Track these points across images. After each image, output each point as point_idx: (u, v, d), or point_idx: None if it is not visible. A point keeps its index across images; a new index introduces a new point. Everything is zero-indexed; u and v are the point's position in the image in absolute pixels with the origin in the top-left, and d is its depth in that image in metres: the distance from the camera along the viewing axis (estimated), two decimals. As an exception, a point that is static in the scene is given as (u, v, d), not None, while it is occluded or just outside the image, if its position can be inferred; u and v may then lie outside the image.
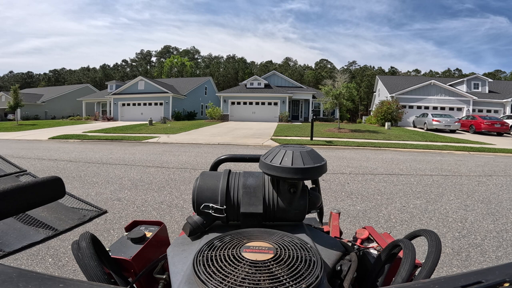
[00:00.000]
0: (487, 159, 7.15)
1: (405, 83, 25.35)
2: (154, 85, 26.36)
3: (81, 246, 0.55)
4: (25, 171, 3.71)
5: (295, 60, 73.08)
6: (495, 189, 4.20)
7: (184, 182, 4.33)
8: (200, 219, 0.66)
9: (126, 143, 9.67)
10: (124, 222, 2.73)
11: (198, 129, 15.23)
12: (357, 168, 5.64)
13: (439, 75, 60.60)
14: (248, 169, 5.00)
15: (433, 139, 11.39)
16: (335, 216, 1.18)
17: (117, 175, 4.66)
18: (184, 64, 59.80)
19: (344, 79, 14.82)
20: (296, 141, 10.62)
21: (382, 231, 2.52)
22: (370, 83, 49.10)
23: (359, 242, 0.83)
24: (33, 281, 0.28)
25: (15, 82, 53.61)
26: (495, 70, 62.62)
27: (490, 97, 22.92)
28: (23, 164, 4.31)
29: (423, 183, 4.49)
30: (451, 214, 3.12)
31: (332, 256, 0.61)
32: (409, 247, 0.54)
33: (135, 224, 0.84)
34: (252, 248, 0.49)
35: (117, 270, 0.64)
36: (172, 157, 6.60)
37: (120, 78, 60.97)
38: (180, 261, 0.55)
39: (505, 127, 15.36)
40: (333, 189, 4.04)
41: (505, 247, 2.36)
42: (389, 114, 19.24)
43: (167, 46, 74.47)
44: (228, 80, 57.26)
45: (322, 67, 66.68)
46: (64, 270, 1.91)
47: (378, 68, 65.36)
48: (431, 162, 6.47)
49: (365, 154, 7.66)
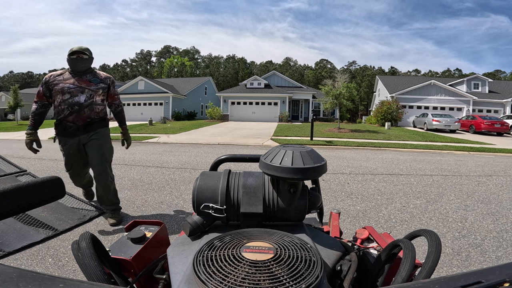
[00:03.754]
0: (487, 159, 7.15)
1: (405, 83, 25.34)
2: (154, 85, 26.36)
3: (81, 246, 0.55)
4: (25, 171, 3.68)
5: (295, 60, 73.17)
6: (495, 189, 4.20)
7: (184, 182, 4.33)
8: (200, 219, 0.66)
9: (126, 143, 9.67)
10: (124, 222, 2.74)
11: (198, 129, 15.22)
12: (357, 168, 5.64)
13: (439, 75, 60.62)
14: (248, 169, 5.00)
15: (433, 139, 11.39)
16: (335, 216, 1.18)
17: (117, 175, 4.65)
18: (184, 64, 59.80)
19: (344, 79, 14.81)
20: (296, 141, 10.62)
21: (382, 231, 2.52)
22: (370, 83, 49.11)
23: (359, 242, 0.83)
24: (33, 281, 0.28)
25: (15, 82, 53.58)
26: (495, 70, 62.67)
27: (490, 97, 22.91)
28: (23, 164, 4.31)
29: (423, 183, 4.49)
30: (451, 214, 3.12)
31: (332, 256, 0.61)
32: (409, 247, 0.54)
33: (135, 224, 0.84)
34: (252, 248, 0.49)
35: (117, 270, 0.64)
36: (172, 157, 6.60)
37: (120, 78, 61.01)
38: (180, 261, 0.55)
39: (505, 127, 15.35)
40: (333, 189, 4.04)
41: (505, 247, 2.36)
42: (389, 114, 19.24)
43: (167, 46, 74.48)
44: (228, 80, 57.25)
45: (322, 67, 66.70)
46: (64, 270, 1.91)
47: (378, 68, 65.42)
48: (431, 162, 6.47)
49: (365, 154, 7.66)
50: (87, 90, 2.49)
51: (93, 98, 2.52)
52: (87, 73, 2.55)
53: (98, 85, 2.57)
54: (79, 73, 2.51)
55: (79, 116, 2.48)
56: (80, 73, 2.52)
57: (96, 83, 2.55)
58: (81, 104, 2.46)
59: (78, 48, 2.47)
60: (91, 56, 2.56)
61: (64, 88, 2.43)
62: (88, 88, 2.50)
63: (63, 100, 2.44)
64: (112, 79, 2.73)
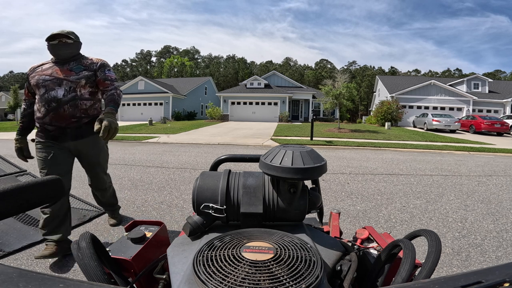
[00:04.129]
0: (487, 159, 7.15)
1: (405, 83, 25.34)
2: (154, 85, 26.36)
3: (81, 246, 0.55)
4: (25, 171, 3.67)
5: (295, 60, 73.16)
6: (495, 189, 4.20)
7: (184, 182, 4.33)
8: (200, 219, 0.66)
9: (126, 143, 9.67)
10: (124, 222, 2.73)
11: (198, 129, 15.22)
12: (357, 168, 5.64)
13: (439, 75, 60.62)
14: (248, 169, 5.00)
15: (433, 139, 11.39)
16: (335, 216, 1.18)
17: (117, 175, 4.66)
18: (184, 64, 59.80)
19: (344, 79, 14.82)
20: (296, 141, 10.62)
21: (382, 231, 2.52)
22: (370, 83, 49.10)
23: (359, 242, 0.83)
24: (33, 281, 0.28)
25: (15, 82, 53.61)
26: (495, 70, 62.66)
27: (490, 97, 22.91)
28: (23, 164, 4.31)
29: (423, 183, 4.49)
30: (451, 214, 3.12)
31: (332, 256, 0.61)
32: (409, 247, 0.54)
33: (135, 224, 0.85)
34: (252, 248, 0.49)
35: (117, 270, 0.64)
36: (172, 157, 6.60)
37: (120, 78, 60.97)
38: (180, 261, 0.55)
39: (505, 127, 15.35)
40: (333, 189, 4.04)
41: (505, 247, 2.36)
42: (389, 114, 19.24)
43: (167, 46, 74.48)
44: (228, 80, 57.25)
45: (322, 67, 66.70)
46: (64, 270, 1.91)
47: (378, 68, 65.42)
48: (431, 162, 6.47)
49: (365, 154, 7.66)
50: (66, 82, 1.93)
51: (75, 91, 1.95)
52: (71, 61, 2.02)
53: (80, 73, 1.98)
54: (62, 61, 2.01)
55: (58, 116, 1.93)
56: (63, 62, 2.01)
57: (77, 72, 1.99)
58: (59, 100, 1.91)
59: (60, 31, 1.96)
60: (77, 40, 2.05)
61: (39, 81, 1.94)
62: (66, 79, 1.94)
63: (40, 96, 1.95)
64: (101, 63, 2.09)
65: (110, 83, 2.05)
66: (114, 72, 2.16)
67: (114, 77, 2.12)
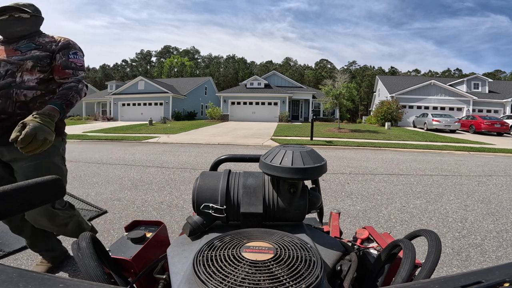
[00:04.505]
0: (487, 159, 7.15)
1: (405, 83, 25.35)
2: (154, 85, 26.35)
3: (81, 246, 0.55)
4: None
5: (295, 60, 73.16)
6: (495, 189, 4.20)
7: (184, 182, 4.33)
8: (200, 219, 0.66)
9: (126, 143, 9.67)
10: (124, 222, 2.73)
11: (198, 129, 15.22)
12: (357, 168, 5.64)
13: (439, 75, 60.63)
14: (248, 169, 5.00)
15: (433, 139, 11.39)
16: (335, 216, 1.18)
17: (117, 175, 4.66)
18: (184, 64, 59.81)
19: (344, 79, 14.83)
20: (296, 141, 10.62)
21: (382, 231, 2.52)
22: (370, 83, 49.11)
23: (359, 242, 0.83)
24: (33, 281, 0.28)
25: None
26: (495, 70, 62.65)
27: (490, 97, 22.91)
28: None
29: (423, 183, 4.49)
30: (451, 214, 3.12)
31: (332, 256, 0.61)
32: (409, 247, 0.54)
33: (135, 224, 0.85)
34: (252, 248, 0.49)
35: (117, 270, 0.64)
36: (172, 157, 6.60)
37: (120, 78, 60.95)
38: (180, 261, 0.55)
39: (505, 127, 15.35)
40: (333, 189, 4.04)
41: (505, 247, 2.36)
42: (389, 114, 19.25)
43: (167, 46, 74.48)
44: (228, 80, 57.26)
45: (322, 67, 66.70)
46: (64, 270, 1.91)
47: (378, 68, 65.43)
48: (431, 162, 6.47)
49: (365, 154, 7.66)
50: (3, 64, 1.38)
51: (13, 76, 1.37)
52: (22, 39, 1.48)
53: (27, 53, 1.42)
54: (11, 40, 1.48)
55: None
56: (12, 41, 1.48)
57: (24, 51, 1.43)
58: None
59: (13, 4, 1.43)
60: (36, 14, 1.51)
61: None
62: (6, 60, 1.38)
63: None
64: (65, 42, 1.52)
65: (71, 72, 1.46)
66: (83, 58, 1.57)
67: (81, 63, 1.54)
